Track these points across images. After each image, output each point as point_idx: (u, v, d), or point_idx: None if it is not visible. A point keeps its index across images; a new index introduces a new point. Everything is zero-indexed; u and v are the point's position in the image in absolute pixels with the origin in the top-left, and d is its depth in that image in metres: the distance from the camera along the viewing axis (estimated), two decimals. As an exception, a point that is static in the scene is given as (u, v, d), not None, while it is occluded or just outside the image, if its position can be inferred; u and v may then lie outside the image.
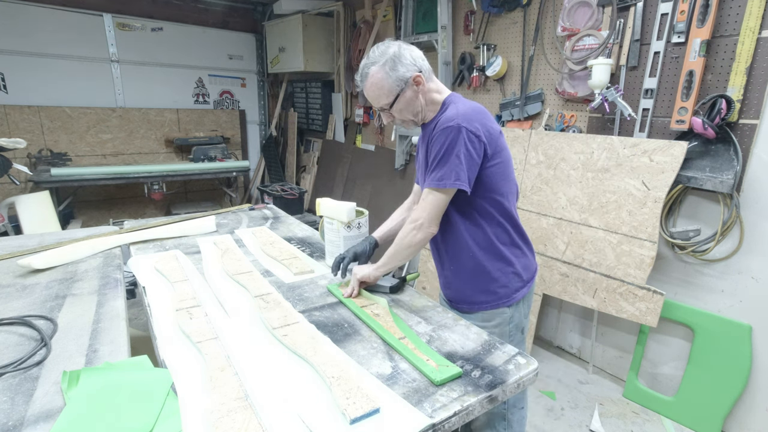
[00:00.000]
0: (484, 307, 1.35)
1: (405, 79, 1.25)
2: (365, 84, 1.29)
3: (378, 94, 1.28)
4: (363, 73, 1.28)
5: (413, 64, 1.26)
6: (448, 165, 1.19)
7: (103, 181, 3.81)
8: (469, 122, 1.20)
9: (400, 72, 1.24)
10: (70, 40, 4.04)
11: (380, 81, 1.25)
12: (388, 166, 3.77)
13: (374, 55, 1.27)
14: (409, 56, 1.26)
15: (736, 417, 2.00)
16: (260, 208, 2.43)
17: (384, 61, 1.24)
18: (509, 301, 1.35)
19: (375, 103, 1.31)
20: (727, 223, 1.93)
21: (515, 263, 1.34)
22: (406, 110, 1.30)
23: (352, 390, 0.88)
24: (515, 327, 1.39)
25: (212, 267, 1.55)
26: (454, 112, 1.22)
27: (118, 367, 0.96)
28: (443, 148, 1.20)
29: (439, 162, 1.21)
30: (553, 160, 2.39)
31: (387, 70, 1.24)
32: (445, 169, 1.19)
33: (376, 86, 1.27)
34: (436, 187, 1.21)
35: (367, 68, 1.27)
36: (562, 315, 2.72)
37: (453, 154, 1.19)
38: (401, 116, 1.31)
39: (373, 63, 1.26)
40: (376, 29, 3.63)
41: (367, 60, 1.28)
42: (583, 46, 2.31)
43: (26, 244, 1.74)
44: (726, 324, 1.99)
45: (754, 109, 1.81)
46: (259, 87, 5.29)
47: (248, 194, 5.27)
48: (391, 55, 1.24)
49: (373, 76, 1.26)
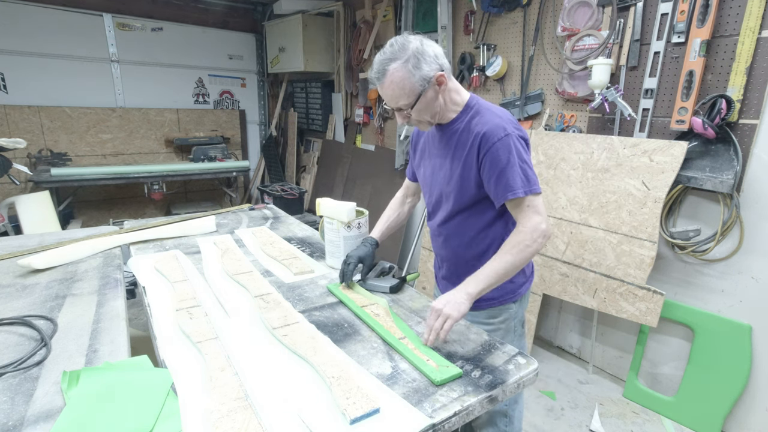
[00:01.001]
0: (492, 303, 1.35)
1: (428, 78, 1.14)
2: (383, 82, 1.16)
3: (398, 94, 1.16)
4: (380, 70, 1.15)
5: (436, 62, 1.15)
6: (526, 171, 1.17)
7: (103, 181, 3.81)
8: (516, 128, 1.19)
9: (424, 70, 1.13)
10: (70, 40, 4.03)
11: (402, 80, 1.13)
12: (388, 166, 3.77)
13: (393, 50, 1.13)
14: (432, 52, 1.14)
15: (736, 417, 2.00)
16: (260, 208, 2.43)
17: (406, 58, 1.12)
18: (515, 297, 1.36)
19: (392, 103, 1.19)
20: (727, 223, 1.93)
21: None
22: (426, 111, 1.20)
23: (352, 390, 0.88)
24: (519, 322, 1.40)
25: (212, 267, 1.55)
26: (497, 120, 1.18)
27: (118, 367, 0.96)
28: (512, 157, 1.15)
29: (518, 169, 1.16)
30: (553, 160, 2.39)
31: (410, 68, 1.12)
32: (529, 174, 1.17)
33: (396, 85, 1.14)
34: (531, 193, 1.17)
35: (386, 65, 1.13)
36: (562, 315, 2.72)
37: (523, 161, 1.17)
38: (419, 117, 1.22)
39: (393, 59, 1.12)
40: (376, 29, 3.63)
41: (384, 55, 1.14)
42: (583, 46, 2.31)
43: (26, 244, 1.74)
44: (726, 324, 1.99)
45: (754, 109, 1.81)
46: (259, 87, 5.29)
47: (248, 194, 5.27)
48: (414, 51, 1.12)
49: (393, 74, 1.13)
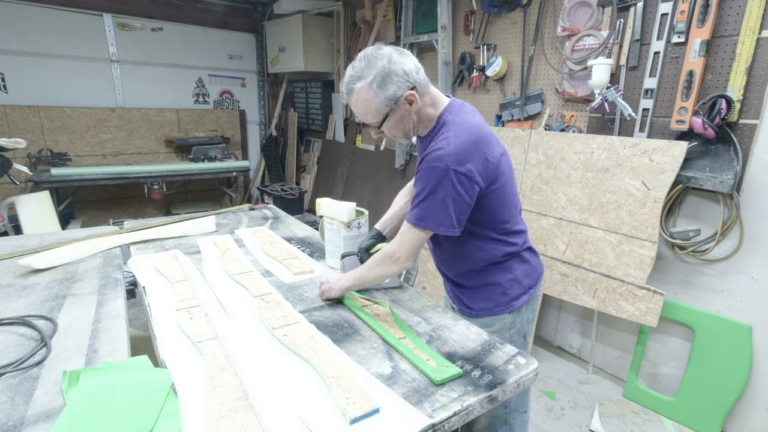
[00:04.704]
0: (482, 314, 1.33)
1: (395, 98, 1.10)
2: (351, 99, 1.14)
3: (365, 113, 1.14)
4: (348, 88, 1.13)
5: (405, 81, 1.10)
6: (432, 208, 1.10)
7: (103, 181, 3.81)
8: (460, 163, 1.07)
9: (389, 91, 1.09)
10: (70, 40, 4.03)
11: (366, 100, 1.11)
12: (388, 166, 3.77)
13: (360, 66, 1.10)
14: (401, 70, 1.09)
15: (736, 417, 2.00)
16: (260, 208, 2.43)
17: (372, 78, 1.08)
18: (509, 308, 1.32)
19: (362, 120, 1.19)
20: (727, 223, 1.93)
21: (515, 270, 1.31)
22: (396, 128, 1.18)
23: (352, 390, 0.88)
24: (517, 332, 1.36)
25: (212, 267, 1.55)
26: (445, 147, 1.09)
27: (118, 367, 0.96)
28: (428, 188, 1.09)
29: (423, 201, 1.11)
30: (553, 160, 2.39)
31: (375, 89, 1.08)
32: (429, 212, 1.11)
33: (362, 104, 1.12)
34: (415, 226, 1.13)
35: (353, 83, 1.11)
36: (562, 315, 2.72)
37: (438, 198, 1.09)
38: (391, 133, 1.20)
39: (360, 77, 1.09)
40: (376, 29, 3.63)
41: (352, 71, 1.11)
42: (583, 46, 2.31)
43: (26, 244, 1.74)
44: (726, 324, 1.99)
45: (754, 109, 1.81)
46: (259, 87, 5.29)
47: (248, 194, 5.27)
48: (380, 70, 1.08)
49: (359, 93, 1.11)
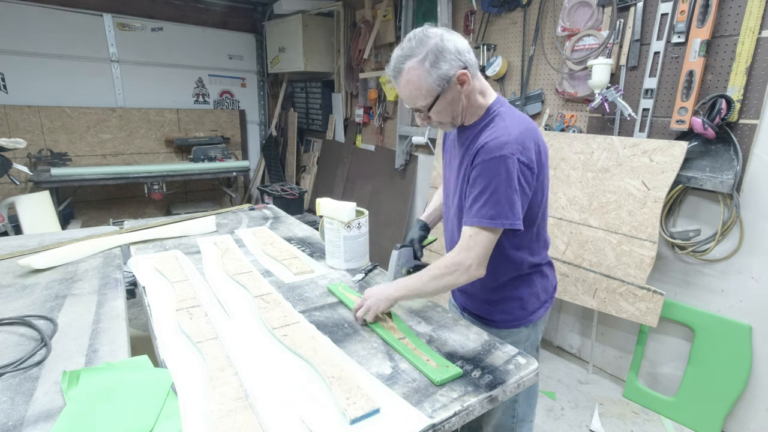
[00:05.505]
0: (499, 326, 1.29)
1: (448, 78, 1.04)
2: (399, 81, 1.08)
3: (415, 95, 1.07)
4: (396, 68, 1.07)
5: (458, 59, 1.04)
6: (502, 201, 1.03)
7: (103, 181, 3.81)
8: (523, 151, 1.03)
9: (442, 69, 1.03)
10: (70, 40, 4.03)
11: (418, 79, 1.04)
12: (388, 166, 3.77)
13: (410, 46, 1.04)
14: (454, 48, 1.03)
15: (736, 417, 2.00)
16: (260, 208, 2.43)
17: (424, 55, 1.02)
18: (526, 322, 1.28)
19: (409, 103, 1.11)
20: (727, 223, 1.93)
21: (535, 284, 1.27)
22: (445, 113, 1.11)
23: (352, 390, 0.88)
24: (531, 345, 1.33)
25: (212, 267, 1.55)
26: (506, 135, 1.04)
27: (118, 367, 0.96)
28: (494, 181, 1.03)
29: (491, 196, 1.03)
30: (553, 160, 2.38)
31: (427, 67, 1.02)
32: (499, 207, 1.03)
33: (412, 85, 1.05)
34: (487, 225, 1.05)
35: (402, 62, 1.05)
36: (562, 315, 2.72)
37: (509, 190, 1.02)
38: (439, 118, 1.12)
39: (410, 56, 1.03)
40: (376, 29, 3.63)
41: (401, 51, 1.05)
42: (583, 46, 2.31)
43: (26, 244, 1.74)
44: (726, 324, 1.99)
45: (754, 109, 1.81)
46: (259, 87, 5.29)
47: (248, 194, 5.27)
48: (433, 47, 1.02)
49: (409, 73, 1.04)
